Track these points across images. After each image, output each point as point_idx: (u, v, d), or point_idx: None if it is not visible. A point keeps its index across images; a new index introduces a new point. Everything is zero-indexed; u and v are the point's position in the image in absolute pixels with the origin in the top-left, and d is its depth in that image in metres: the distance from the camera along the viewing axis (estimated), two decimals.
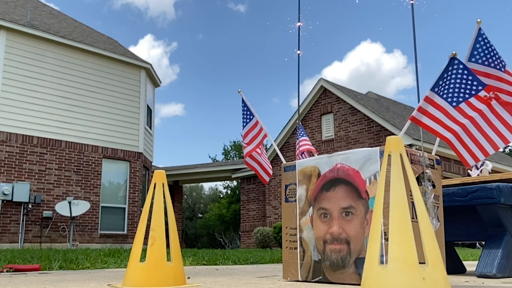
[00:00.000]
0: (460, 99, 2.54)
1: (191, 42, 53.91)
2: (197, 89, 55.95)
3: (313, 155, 3.83)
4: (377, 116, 13.96)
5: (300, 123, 4.58)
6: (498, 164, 16.22)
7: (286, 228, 2.91)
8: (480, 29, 2.78)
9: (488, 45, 2.73)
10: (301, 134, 4.60)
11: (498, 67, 2.67)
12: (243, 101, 3.78)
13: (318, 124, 15.71)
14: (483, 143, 2.59)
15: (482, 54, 2.73)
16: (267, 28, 51.79)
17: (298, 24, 3.66)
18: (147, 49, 53.12)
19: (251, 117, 3.70)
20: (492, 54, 2.71)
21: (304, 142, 4.34)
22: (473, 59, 2.76)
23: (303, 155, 4.28)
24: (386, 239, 2.06)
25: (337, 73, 54.05)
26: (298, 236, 2.82)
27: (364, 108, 14.39)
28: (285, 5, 49.34)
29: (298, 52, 3.70)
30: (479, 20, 2.78)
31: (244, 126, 3.74)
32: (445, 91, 2.59)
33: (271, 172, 3.68)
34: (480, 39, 2.75)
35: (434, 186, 2.54)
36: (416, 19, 2.85)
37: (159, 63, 52.09)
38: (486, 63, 2.71)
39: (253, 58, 54.62)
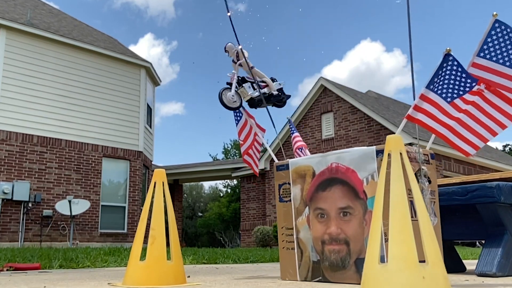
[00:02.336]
0: (455, 95, 2.54)
1: (191, 41, 53.84)
2: (197, 88, 55.91)
3: (303, 152, 3.82)
4: (377, 115, 13.96)
5: (289, 118, 4.42)
6: (497, 163, 16.22)
7: (282, 228, 2.88)
8: (496, 21, 2.70)
9: (502, 39, 2.66)
10: (292, 131, 4.45)
11: (508, 64, 2.63)
12: None
13: (318, 123, 15.71)
14: (480, 131, 2.58)
15: (492, 49, 2.67)
16: (267, 27, 51.70)
17: (229, 13, 3.56)
18: (147, 48, 53.09)
19: (240, 115, 3.71)
20: (504, 49, 2.65)
21: (297, 139, 4.27)
22: (482, 54, 2.69)
23: (301, 151, 4.22)
24: (387, 240, 2.06)
25: (337, 72, 54.00)
26: (295, 237, 2.79)
27: (364, 107, 14.39)
28: (285, 4, 49.29)
29: (239, 46, 3.63)
30: (495, 13, 2.70)
31: (236, 125, 3.75)
32: (439, 87, 2.58)
33: (258, 163, 3.84)
34: (493, 32, 2.68)
35: (430, 181, 2.53)
36: (416, 17, 2.84)
37: (159, 62, 52.07)
38: (495, 59, 2.66)
39: (253, 57, 54.45)
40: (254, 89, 3.52)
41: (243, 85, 3.49)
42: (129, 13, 52.60)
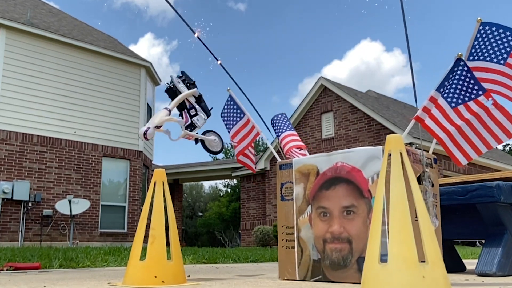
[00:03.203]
0: (460, 101, 2.55)
1: (191, 41, 53.74)
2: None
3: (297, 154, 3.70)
4: (377, 115, 13.96)
5: (285, 114, 4.07)
6: (497, 162, 16.22)
7: (283, 227, 2.88)
8: (481, 24, 2.75)
9: (487, 38, 2.70)
10: (286, 128, 3.96)
11: (495, 60, 2.66)
12: (232, 99, 3.69)
13: (318, 122, 15.70)
14: (476, 143, 2.60)
15: (479, 50, 2.72)
16: (267, 27, 51.69)
17: (196, 34, 3.54)
18: (147, 47, 53.12)
19: (242, 115, 3.64)
20: (490, 47, 2.68)
21: (291, 138, 3.84)
22: (471, 57, 2.75)
23: (296, 152, 3.87)
24: None
25: (337, 71, 54.01)
26: (295, 235, 2.79)
27: (364, 106, 14.38)
28: (285, 3, 49.30)
29: (219, 62, 3.58)
30: (479, 19, 2.76)
31: (233, 125, 3.66)
32: (447, 91, 2.60)
33: (254, 160, 3.78)
34: (478, 35, 2.74)
35: (433, 185, 2.54)
36: (416, 17, 2.85)
37: (159, 62, 52.10)
38: (482, 58, 2.70)
39: (253, 56, 54.58)
40: (196, 114, 3.35)
41: (195, 124, 3.34)
42: (129, 13, 52.60)
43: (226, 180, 31.69)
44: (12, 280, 2.89)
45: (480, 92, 2.51)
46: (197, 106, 3.34)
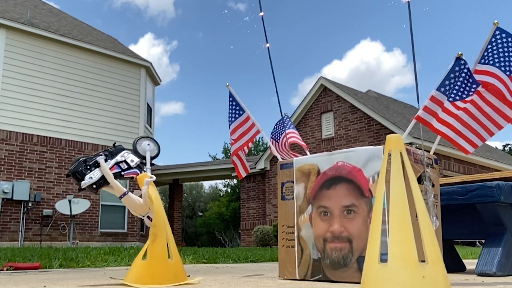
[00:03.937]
0: (457, 97, 2.57)
1: (191, 41, 53.86)
2: (197, 87, 55.93)
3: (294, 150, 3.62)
4: (377, 115, 13.96)
5: (287, 115, 3.92)
6: (497, 162, 16.22)
7: (283, 226, 2.88)
8: (497, 29, 2.74)
9: (501, 45, 2.70)
10: (287, 126, 3.86)
11: (503, 68, 2.66)
12: (231, 95, 3.63)
13: (318, 122, 15.70)
14: (478, 130, 2.62)
15: (491, 54, 2.72)
16: (267, 27, 51.62)
17: (261, 13, 3.49)
18: (147, 47, 53.09)
19: (241, 112, 3.55)
20: (502, 55, 2.68)
21: (291, 134, 3.72)
22: (482, 61, 2.74)
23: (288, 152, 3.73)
24: None
25: (337, 71, 53.99)
26: (296, 235, 2.80)
27: (364, 106, 14.38)
28: (285, 4, 49.33)
29: (267, 45, 3.55)
30: (496, 22, 2.74)
31: (232, 122, 3.57)
32: (450, 90, 2.61)
33: (249, 169, 3.68)
34: (493, 39, 2.73)
35: (433, 185, 2.55)
36: (416, 18, 2.84)
37: (159, 62, 52.08)
38: (492, 62, 2.70)
39: (253, 56, 54.60)
40: (125, 161, 3.00)
41: (138, 165, 3.00)
42: (129, 13, 52.60)
43: (226, 180, 31.70)
44: (12, 280, 2.89)
45: (474, 86, 2.54)
46: (117, 159, 2.96)
